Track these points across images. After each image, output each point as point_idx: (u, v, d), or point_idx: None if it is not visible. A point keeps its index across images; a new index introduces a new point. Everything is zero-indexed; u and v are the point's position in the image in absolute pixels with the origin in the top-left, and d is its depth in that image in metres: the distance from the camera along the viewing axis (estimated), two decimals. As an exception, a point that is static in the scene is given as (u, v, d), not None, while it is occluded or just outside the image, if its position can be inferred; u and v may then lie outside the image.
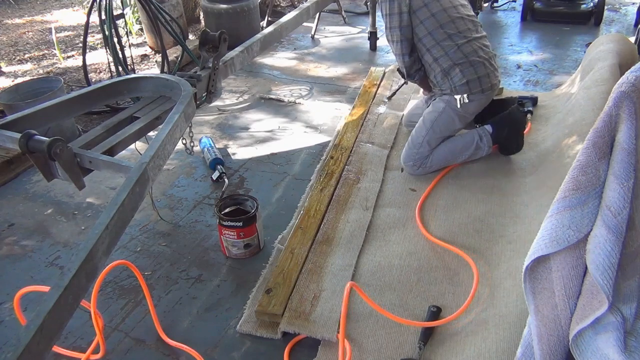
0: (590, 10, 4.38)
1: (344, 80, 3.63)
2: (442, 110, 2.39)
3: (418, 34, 2.37)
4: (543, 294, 1.07)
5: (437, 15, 2.33)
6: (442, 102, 2.40)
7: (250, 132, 3.00)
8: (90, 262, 1.27)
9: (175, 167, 2.67)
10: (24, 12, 5.63)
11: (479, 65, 2.32)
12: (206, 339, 1.71)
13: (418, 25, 2.35)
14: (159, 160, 1.60)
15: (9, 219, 2.34)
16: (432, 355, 1.57)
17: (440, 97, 2.43)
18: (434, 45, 2.35)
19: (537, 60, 3.79)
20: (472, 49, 2.33)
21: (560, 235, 1.02)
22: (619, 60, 2.62)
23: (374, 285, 1.84)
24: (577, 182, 1.03)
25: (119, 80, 2.03)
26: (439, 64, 2.36)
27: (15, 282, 1.94)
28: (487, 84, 2.34)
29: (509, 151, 2.51)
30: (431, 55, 2.37)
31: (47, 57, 4.34)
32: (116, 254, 2.06)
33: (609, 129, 1.02)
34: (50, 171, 1.60)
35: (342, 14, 4.84)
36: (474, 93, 2.33)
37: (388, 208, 2.25)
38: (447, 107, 2.38)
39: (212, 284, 1.94)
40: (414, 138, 2.44)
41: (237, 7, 4.07)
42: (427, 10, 2.33)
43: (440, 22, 2.33)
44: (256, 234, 2.03)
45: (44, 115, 1.78)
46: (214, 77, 2.27)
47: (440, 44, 2.33)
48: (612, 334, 0.97)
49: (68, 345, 1.70)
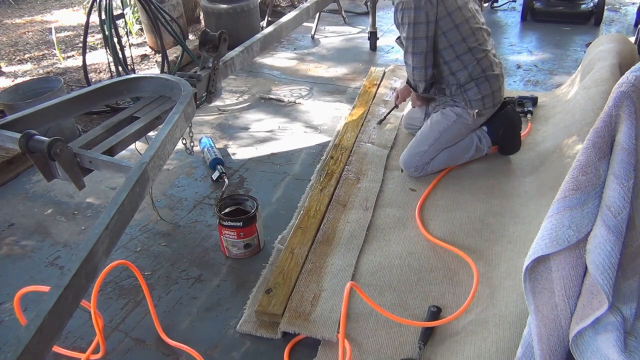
0: (590, 10, 4.38)
1: (344, 80, 3.63)
2: (454, 122, 2.35)
3: (438, 45, 2.25)
4: (543, 294, 1.07)
5: (460, 27, 2.23)
6: (453, 114, 2.35)
7: (250, 132, 3.00)
8: (90, 262, 1.27)
9: (175, 167, 2.67)
10: (24, 12, 5.63)
11: (494, 79, 2.30)
12: (206, 339, 1.71)
13: (440, 36, 2.23)
14: (159, 160, 1.60)
15: (9, 219, 2.34)
16: (432, 355, 1.57)
17: (451, 108, 2.37)
18: (453, 58, 2.26)
19: (537, 60, 3.79)
20: (489, 62, 2.29)
21: (560, 235, 1.02)
22: (619, 60, 2.62)
23: (374, 285, 1.84)
24: (577, 182, 1.03)
25: (119, 80, 2.03)
26: (455, 78, 2.29)
27: (15, 282, 1.94)
28: (499, 97, 2.35)
29: (507, 151, 2.51)
30: (448, 68, 2.29)
31: (47, 57, 4.34)
32: (116, 254, 2.06)
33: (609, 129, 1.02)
34: (50, 171, 1.60)
35: (342, 14, 4.84)
36: (487, 108, 2.33)
37: (388, 208, 2.25)
38: (459, 120, 2.34)
39: (212, 284, 1.94)
40: (418, 144, 2.39)
41: (237, 7, 4.07)
42: (451, 21, 2.21)
43: (462, 34, 2.23)
44: (256, 234, 2.02)
45: (44, 115, 1.78)
46: (214, 77, 2.27)
47: (460, 58, 2.25)
48: (612, 334, 0.97)
49: (68, 345, 1.70)
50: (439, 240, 2.01)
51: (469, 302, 1.69)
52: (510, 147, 2.49)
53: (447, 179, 2.42)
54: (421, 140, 2.39)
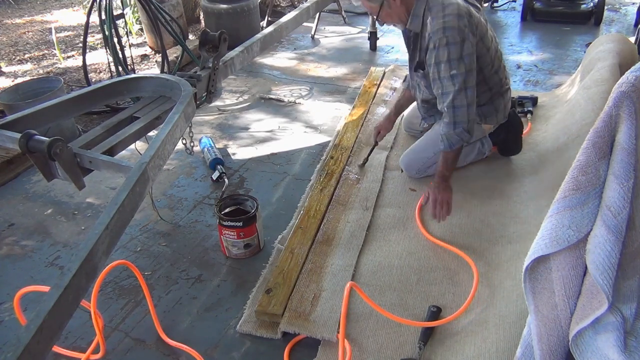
0: (590, 10, 4.38)
1: (344, 80, 3.63)
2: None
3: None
4: (543, 294, 1.07)
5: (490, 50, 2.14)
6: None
7: (250, 132, 3.00)
8: (90, 262, 1.27)
9: (175, 167, 2.67)
10: (24, 12, 5.63)
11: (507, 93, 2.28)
12: (206, 339, 1.71)
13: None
14: (159, 160, 1.60)
15: (9, 219, 2.34)
16: (432, 355, 1.57)
17: None
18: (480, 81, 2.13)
19: (537, 60, 3.79)
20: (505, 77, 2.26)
21: (560, 235, 1.01)
22: (619, 60, 2.62)
23: (374, 285, 1.84)
24: (577, 182, 1.03)
25: (119, 80, 2.03)
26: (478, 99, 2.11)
27: (15, 282, 1.94)
28: (509, 108, 2.34)
29: (508, 152, 2.51)
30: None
31: (47, 57, 4.34)
32: (116, 254, 2.06)
33: (609, 129, 1.02)
34: (50, 171, 1.60)
35: (342, 14, 4.84)
36: (500, 121, 2.33)
37: (388, 208, 2.25)
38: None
39: (212, 284, 1.94)
40: (423, 149, 2.36)
41: (237, 7, 4.07)
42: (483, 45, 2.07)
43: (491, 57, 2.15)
44: (256, 234, 2.02)
45: (44, 115, 1.78)
46: (214, 77, 2.27)
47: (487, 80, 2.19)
48: (612, 334, 0.97)
49: (68, 345, 1.69)
50: (439, 240, 2.01)
51: (469, 302, 1.69)
52: (512, 149, 2.49)
53: (447, 179, 2.42)
54: (427, 146, 2.35)
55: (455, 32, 1.92)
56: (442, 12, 1.95)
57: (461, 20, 1.93)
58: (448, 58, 1.93)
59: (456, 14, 1.93)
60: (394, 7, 2.02)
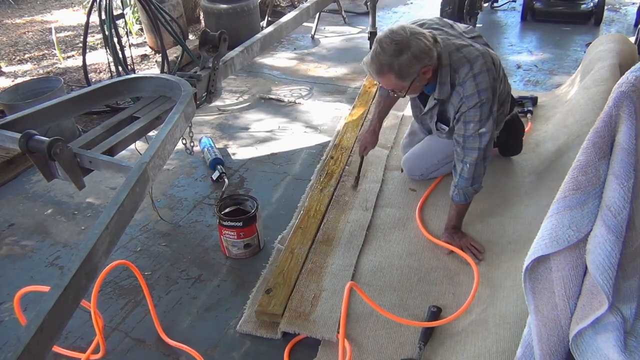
0: (590, 10, 4.38)
1: (344, 80, 3.63)
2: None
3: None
4: (543, 294, 1.07)
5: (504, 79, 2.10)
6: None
7: (250, 132, 3.00)
8: (90, 262, 1.27)
9: (175, 167, 2.67)
10: (24, 12, 5.63)
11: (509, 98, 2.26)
12: (206, 339, 1.71)
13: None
14: (159, 160, 1.60)
15: (9, 219, 2.34)
16: (432, 355, 1.57)
17: None
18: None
19: (537, 60, 3.79)
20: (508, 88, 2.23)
21: (560, 235, 1.01)
22: (619, 60, 2.62)
23: (374, 285, 1.84)
24: (577, 182, 1.03)
25: (119, 80, 2.03)
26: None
27: (15, 282, 1.94)
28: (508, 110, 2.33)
29: (509, 153, 2.51)
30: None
31: (47, 57, 4.34)
32: (116, 254, 2.06)
33: (609, 129, 1.02)
34: (50, 171, 1.60)
35: (342, 14, 4.84)
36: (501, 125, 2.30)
37: (388, 208, 2.25)
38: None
39: (212, 284, 1.94)
40: (429, 155, 2.33)
41: (237, 7, 4.07)
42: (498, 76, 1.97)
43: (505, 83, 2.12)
44: (256, 234, 2.02)
45: (44, 115, 1.78)
46: (214, 77, 2.27)
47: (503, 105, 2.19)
48: (612, 334, 0.97)
49: (68, 345, 1.69)
50: (439, 241, 2.01)
51: (469, 302, 1.69)
52: (512, 150, 2.50)
53: (448, 179, 2.41)
54: (433, 153, 2.32)
55: (489, 92, 1.82)
56: (471, 71, 1.80)
57: (491, 74, 1.82)
58: (480, 118, 1.83)
59: (486, 71, 1.81)
60: (423, 80, 1.83)
